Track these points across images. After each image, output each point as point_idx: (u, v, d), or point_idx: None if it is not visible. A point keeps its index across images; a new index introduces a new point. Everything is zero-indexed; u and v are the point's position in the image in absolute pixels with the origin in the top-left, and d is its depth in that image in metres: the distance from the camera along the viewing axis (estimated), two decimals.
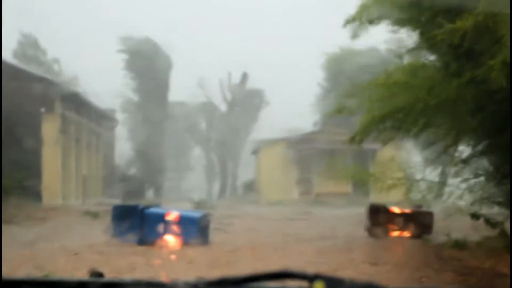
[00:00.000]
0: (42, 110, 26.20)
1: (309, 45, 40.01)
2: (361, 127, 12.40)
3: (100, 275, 1.83)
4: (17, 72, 25.69)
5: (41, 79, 26.56)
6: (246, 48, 51.28)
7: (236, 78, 47.37)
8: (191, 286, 1.52)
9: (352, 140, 13.01)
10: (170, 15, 55.69)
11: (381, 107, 11.17)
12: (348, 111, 12.93)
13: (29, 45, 41.60)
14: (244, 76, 47.00)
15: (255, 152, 40.73)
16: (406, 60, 11.83)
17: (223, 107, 48.09)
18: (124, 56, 41.79)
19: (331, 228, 17.10)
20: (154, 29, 51.74)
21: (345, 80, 30.93)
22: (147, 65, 40.89)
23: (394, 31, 11.36)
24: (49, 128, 26.46)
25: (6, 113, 22.76)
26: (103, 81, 37.32)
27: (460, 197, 14.17)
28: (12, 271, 9.03)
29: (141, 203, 18.01)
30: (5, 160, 21.12)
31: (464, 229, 13.70)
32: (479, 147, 12.84)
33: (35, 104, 25.28)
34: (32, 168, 24.62)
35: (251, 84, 46.97)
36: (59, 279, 1.56)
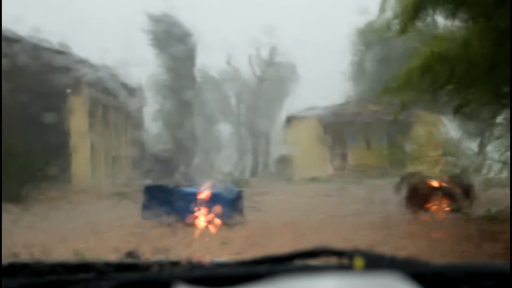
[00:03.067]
0: (68, 90, 26.17)
1: (341, 17, 39.43)
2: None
3: (136, 256, 1.78)
4: (41, 51, 25.35)
5: (66, 58, 26.39)
6: (275, 22, 50.87)
7: (266, 53, 47.08)
8: (228, 265, 1.50)
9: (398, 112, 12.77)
10: None
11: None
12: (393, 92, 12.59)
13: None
14: (273, 50, 46.63)
15: (286, 127, 40.51)
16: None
17: (253, 82, 47.84)
18: (149, 33, 41.70)
19: (368, 203, 16.79)
20: (180, 4, 51.24)
21: (376, 53, 30.51)
22: (173, 41, 40.76)
23: None
24: (76, 109, 26.48)
25: (34, 94, 22.72)
26: (130, 59, 37.31)
27: (500, 170, 13.81)
28: (44, 254, 8.93)
29: (173, 182, 17.88)
30: (35, 142, 21.15)
31: (505, 201, 13.31)
32: None
33: (61, 84, 25.17)
34: (61, 149, 24.67)
35: (281, 58, 46.63)
36: (96, 261, 1.54)
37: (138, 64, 40.09)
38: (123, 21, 49.74)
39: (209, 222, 13.37)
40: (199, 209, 13.56)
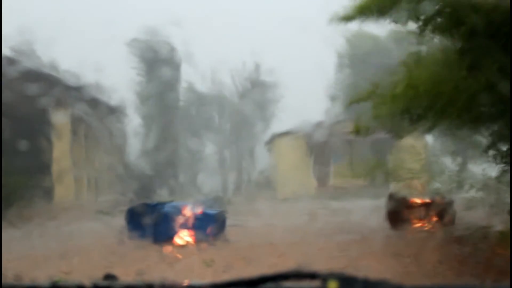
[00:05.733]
0: (51, 108, 26.09)
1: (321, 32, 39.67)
2: (374, 117, 11.97)
3: (113, 278, 1.78)
4: (24, 70, 25.20)
5: (48, 77, 26.30)
6: (260, 41, 50.97)
7: (249, 70, 47.12)
8: (205, 287, 1.50)
9: (357, 131, 12.73)
10: (180, 7, 55.50)
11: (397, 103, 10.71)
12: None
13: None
14: (257, 67, 46.67)
15: (270, 145, 40.53)
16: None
17: (236, 100, 47.85)
18: (134, 51, 41.69)
19: (350, 222, 16.84)
20: (164, 21, 51.14)
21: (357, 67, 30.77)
22: (158, 60, 40.84)
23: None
24: (59, 127, 26.39)
25: (15, 112, 22.56)
26: (113, 76, 37.20)
27: (482, 187, 13.86)
28: (23, 275, 8.81)
29: (155, 200, 17.86)
30: (16, 160, 21.00)
31: (486, 219, 13.37)
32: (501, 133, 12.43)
33: (44, 103, 25.01)
34: (43, 170, 24.55)
35: (264, 75, 46.66)
36: (72, 284, 1.58)
37: (121, 83, 39.92)
38: (105, 39, 49.48)
39: (192, 242, 13.32)
40: (181, 229, 13.52)
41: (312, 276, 1.42)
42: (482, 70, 8.73)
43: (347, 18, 11.04)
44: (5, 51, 25.10)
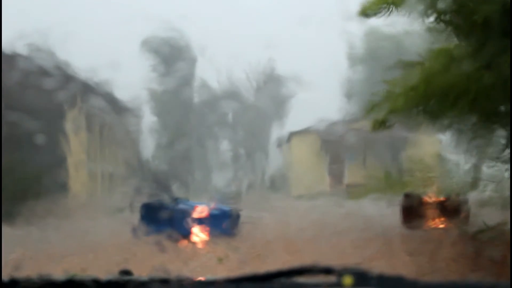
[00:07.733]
0: (65, 106, 26.18)
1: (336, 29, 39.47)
2: (390, 111, 11.89)
3: (129, 273, 1.82)
4: (36, 68, 25.25)
5: (64, 74, 26.36)
6: (272, 34, 50.70)
7: (264, 65, 46.93)
8: (220, 283, 1.51)
9: (376, 125, 12.57)
10: (194, 3, 55.34)
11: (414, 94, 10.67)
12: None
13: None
14: (271, 64, 46.49)
15: (284, 143, 40.43)
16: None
17: (250, 96, 47.68)
18: (149, 47, 41.75)
19: (364, 220, 16.75)
20: (179, 16, 50.91)
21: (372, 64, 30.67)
22: (172, 55, 40.88)
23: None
24: (73, 124, 26.48)
25: (31, 108, 22.60)
26: (128, 72, 37.19)
27: (496, 185, 13.79)
28: (39, 270, 8.87)
29: (170, 197, 17.86)
30: (31, 156, 21.08)
31: (500, 216, 13.29)
32: None
33: (59, 99, 25.07)
34: (58, 166, 24.62)
35: (278, 70, 46.46)
36: (87, 279, 1.61)
37: (136, 79, 39.94)
38: (120, 35, 49.47)
39: (206, 238, 13.35)
40: (195, 226, 13.54)
41: (327, 271, 1.43)
42: (496, 64, 8.70)
43: (364, 12, 11.06)
44: (22, 48, 25.30)
